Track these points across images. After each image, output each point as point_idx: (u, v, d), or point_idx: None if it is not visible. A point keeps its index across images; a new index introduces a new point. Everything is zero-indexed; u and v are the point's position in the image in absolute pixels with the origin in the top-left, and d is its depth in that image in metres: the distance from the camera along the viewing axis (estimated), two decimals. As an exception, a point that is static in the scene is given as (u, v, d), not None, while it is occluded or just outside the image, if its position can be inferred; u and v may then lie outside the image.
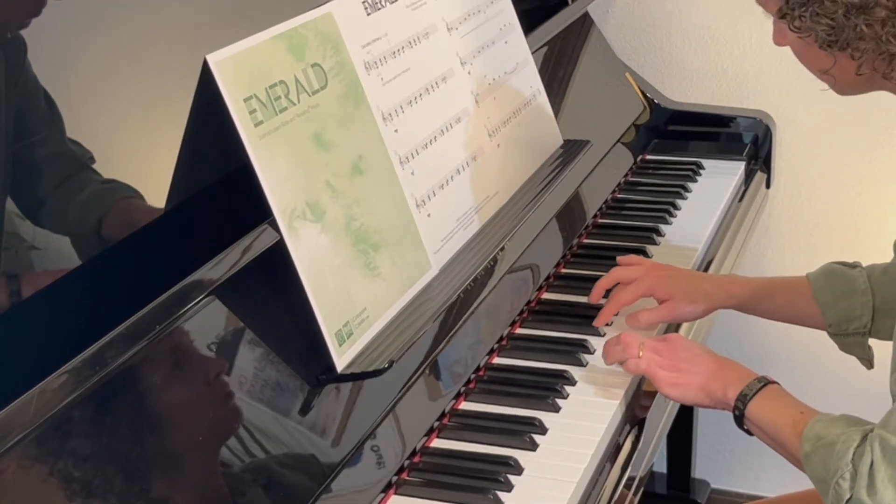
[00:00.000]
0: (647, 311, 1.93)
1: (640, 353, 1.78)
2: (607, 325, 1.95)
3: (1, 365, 1.26)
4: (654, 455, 1.87)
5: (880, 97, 2.70)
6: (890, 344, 1.61)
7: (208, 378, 1.43)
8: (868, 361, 1.93)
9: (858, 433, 1.53)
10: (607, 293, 2.02)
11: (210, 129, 1.52)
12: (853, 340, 1.93)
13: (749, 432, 1.71)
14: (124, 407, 1.32)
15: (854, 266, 1.94)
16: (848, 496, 1.50)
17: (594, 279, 2.06)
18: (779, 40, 1.71)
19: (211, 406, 1.41)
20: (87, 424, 1.27)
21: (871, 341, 1.92)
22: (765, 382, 1.70)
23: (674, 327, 2.01)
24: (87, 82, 1.50)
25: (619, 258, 2.08)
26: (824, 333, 1.96)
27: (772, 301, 1.99)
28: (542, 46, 2.42)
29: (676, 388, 1.77)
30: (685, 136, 2.75)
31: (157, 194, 1.55)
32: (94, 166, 1.48)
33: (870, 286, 1.90)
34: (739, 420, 1.70)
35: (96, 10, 1.52)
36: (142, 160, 1.56)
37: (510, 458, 1.62)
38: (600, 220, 2.37)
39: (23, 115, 1.39)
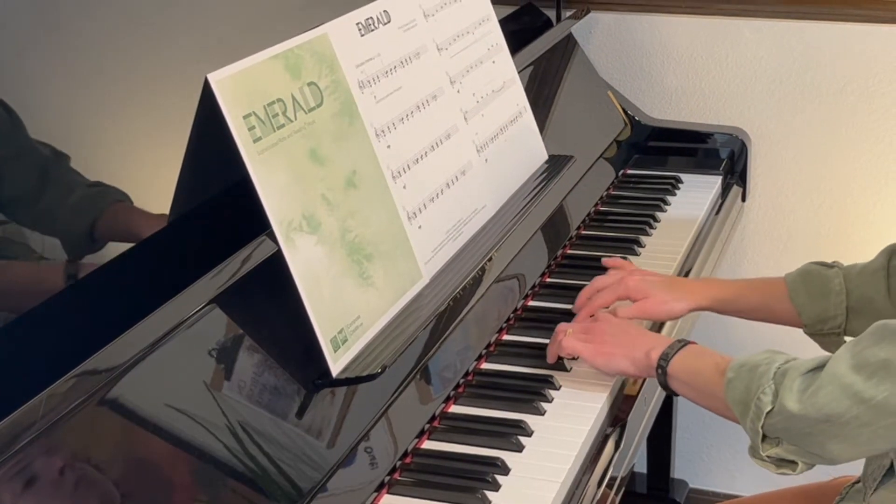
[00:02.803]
0: (624, 308, 1.94)
1: (567, 335, 1.82)
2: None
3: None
4: (634, 456, 1.87)
5: (853, 114, 2.71)
6: None
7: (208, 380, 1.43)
8: None
9: (782, 357, 1.56)
10: None
11: (211, 145, 1.52)
12: (829, 340, 1.93)
13: (675, 393, 1.73)
14: (128, 410, 1.32)
15: (831, 266, 1.93)
16: (769, 408, 1.52)
17: (578, 288, 2.06)
18: None
19: (212, 406, 1.41)
20: (97, 427, 1.27)
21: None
22: (685, 342, 1.73)
23: (657, 327, 2.02)
24: (95, 101, 1.51)
25: (604, 260, 2.09)
26: (798, 338, 1.96)
27: (748, 302, 1.99)
28: (528, 66, 2.43)
29: (602, 357, 1.80)
30: (664, 152, 2.76)
31: (161, 206, 1.55)
32: (100, 179, 1.49)
33: (845, 287, 1.89)
34: (663, 379, 1.72)
35: (99, 38, 1.53)
36: (145, 174, 1.56)
37: (497, 459, 1.63)
38: (584, 232, 2.38)
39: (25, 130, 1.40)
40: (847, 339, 1.91)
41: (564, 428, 1.72)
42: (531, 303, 2.09)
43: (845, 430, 1.47)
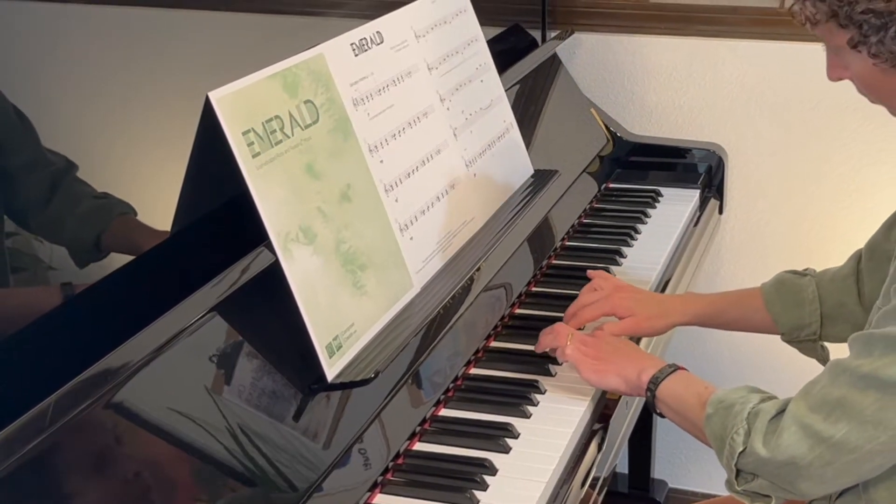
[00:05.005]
0: (611, 324, 1.94)
1: (568, 342, 1.81)
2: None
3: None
4: (616, 457, 1.88)
5: (826, 130, 2.72)
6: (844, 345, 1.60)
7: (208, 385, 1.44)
8: (825, 361, 1.92)
9: (757, 397, 1.56)
10: None
11: (211, 160, 1.53)
12: (806, 346, 1.94)
13: (662, 415, 1.73)
14: (132, 413, 1.32)
15: (805, 274, 1.94)
16: (741, 448, 1.52)
17: (563, 297, 2.07)
18: (838, 74, 1.60)
19: (213, 409, 1.41)
20: (102, 429, 1.27)
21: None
22: (675, 368, 1.72)
23: (635, 342, 2.02)
24: (105, 123, 1.51)
25: (589, 272, 2.09)
26: (773, 350, 1.96)
27: (727, 315, 2.00)
28: (514, 84, 2.43)
29: (597, 373, 1.79)
30: (645, 167, 2.77)
31: (164, 218, 1.55)
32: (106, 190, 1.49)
33: (818, 294, 1.90)
34: (651, 402, 1.72)
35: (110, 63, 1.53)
36: (150, 188, 1.56)
37: (485, 460, 1.63)
38: (568, 243, 2.38)
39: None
40: (824, 344, 1.93)
41: (549, 430, 1.72)
42: (518, 311, 2.09)
43: (810, 471, 1.48)
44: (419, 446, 1.68)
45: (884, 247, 1.81)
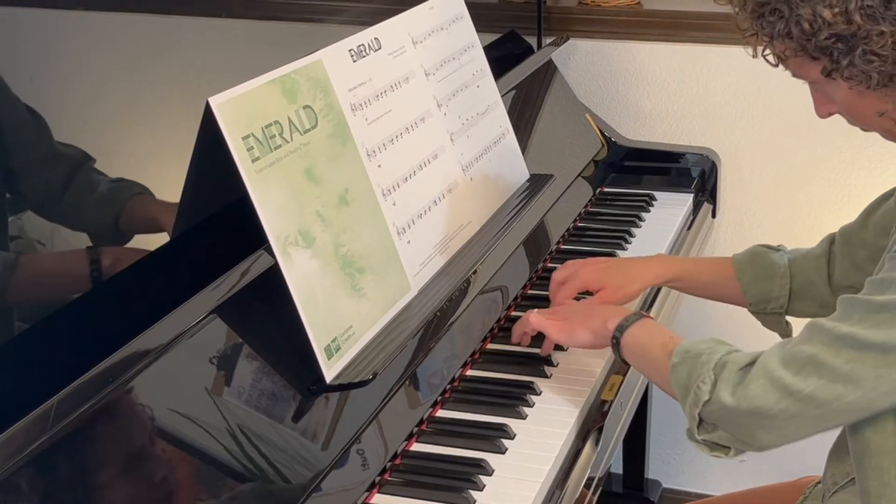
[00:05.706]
0: (588, 299, 1.97)
1: (532, 314, 1.85)
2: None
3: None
4: (611, 457, 1.88)
5: (818, 134, 2.73)
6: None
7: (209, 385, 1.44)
8: (787, 336, 1.94)
9: (724, 348, 1.58)
10: None
11: (211, 165, 1.53)
12: (771, 319, 1.96)
13: (627, 362, 1.75)
14: (134, 414, 1.33)
15: (777, 249, 1.96)
16: (707, 398, 1.53)
17: (558, 300, 2.07)
18: (826, 109, 1.60)
19: (213, 410, 1.41)
20: (104, 429, 1.28)
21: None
22: (640, 315, 1.74)
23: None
24: (106, 128, 1.51)
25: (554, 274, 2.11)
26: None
27: (696, 280, 2.02)
28: (510, 90, 2.44)
29: (565, 332, 1.82)
30: (639, 171, 2.77)
31: (164, 221, 1.56)
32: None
33: (789, 270, 1.92)
34: (617, 349, 1.74)
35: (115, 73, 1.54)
36: (151, 191, 1.57)
37: (482, 460, 1.63)
38: (563, 247, 2.39)
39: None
40: (787, 319, 1.95)
41: (545, 431, 1.72)
42: (514, 313, 2.09)
43: (774, 422, 1.49)
44: (416, 447, 1.69)
45: (860, 234, 1.84)
